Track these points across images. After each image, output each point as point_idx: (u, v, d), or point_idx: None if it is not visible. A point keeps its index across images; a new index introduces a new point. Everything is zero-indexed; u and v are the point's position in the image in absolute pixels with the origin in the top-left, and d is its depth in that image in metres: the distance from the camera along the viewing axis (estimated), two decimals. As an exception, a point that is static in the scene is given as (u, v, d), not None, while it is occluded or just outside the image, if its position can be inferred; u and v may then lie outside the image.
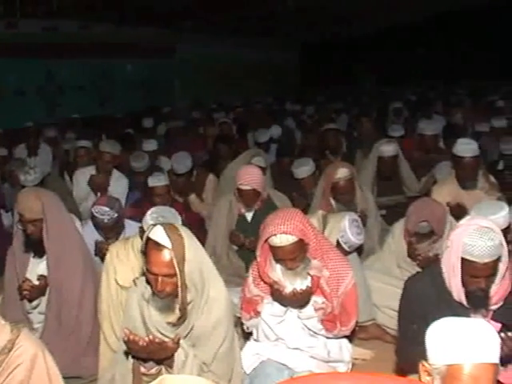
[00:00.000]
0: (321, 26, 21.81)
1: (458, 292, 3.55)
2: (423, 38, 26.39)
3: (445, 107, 14.95)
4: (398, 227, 5.01)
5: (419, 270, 4.65)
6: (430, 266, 4.02)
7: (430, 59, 27.30)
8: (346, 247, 4.82)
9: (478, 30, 25.29)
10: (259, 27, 19.62)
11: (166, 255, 3.41)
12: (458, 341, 2.34)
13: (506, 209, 4.53)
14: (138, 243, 4.39)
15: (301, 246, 3.92)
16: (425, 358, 2.45)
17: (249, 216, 6.08)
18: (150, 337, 3.43)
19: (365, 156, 7.76)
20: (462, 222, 3.55)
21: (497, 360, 2.38)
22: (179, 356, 3.56)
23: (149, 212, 4.54)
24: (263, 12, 17.53)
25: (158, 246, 3.41)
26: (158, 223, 3.61)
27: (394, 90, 21.66)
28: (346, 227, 4.86)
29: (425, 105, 15.20)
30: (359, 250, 5.24)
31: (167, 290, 3.48)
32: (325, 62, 26.74)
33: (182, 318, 3.61)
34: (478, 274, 3.43)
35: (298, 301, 4.03)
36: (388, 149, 7.06)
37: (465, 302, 3.57)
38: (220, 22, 17.97)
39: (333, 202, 6.01)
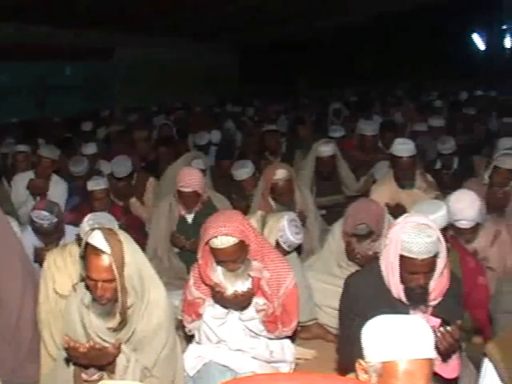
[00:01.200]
0: (261, 27, 21.83)
1: (397, 289, 3.59)
2: (362, 38, 26.61)
3: (384, 107, 15.14)
4: (338, 227, 5.03)
5: (360, 268, 4.70)
6: (370, 264, 4.05)
7: (369, 59, 27.57)
8: (285, 247, 4.84)
9: (416, 30, 25.64)
10: (199, 28, 19.53)
11: (105, 260, 3.39)
12: (392, 338, 2.37)
13: (445, 208, 4.59)
14: (76, 250, 4.35)
15: (241, 248, 3.93)
16: (363, 355, 2.48)
17: (189, 218, 6.07)
18: (91, 343, 3.40)
19: (304, 156, 7.81)
20: (400, 219, 3.60)
21: (431, 355, 2.41)
22: (121, 361, 3.53)
23: (85, 219, 4.49)
24: (203, 13, 17.46)
25: (97, 252, 3.39)
26: (96, 228, 3.58)
27: (333, 91, 21.82)
28: (284, 227, 4.88)
29: (364, 105, 15.35)
30: (299, 250, 5.26)
31: (107, 296, 3.46)
32: (265, 63, 26.75)
33: (123, 323, 3.59)
34: (416, 271, 3.47)
35: (240, 302, 4.04)
36: (326, 149, 7.12)
37: (404, 299, 3.61)
38: (159, 24, 17.86)
39: (272, 202, 6.03)
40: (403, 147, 6.28)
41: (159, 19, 17.03)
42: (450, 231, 4.96)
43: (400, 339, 2.37)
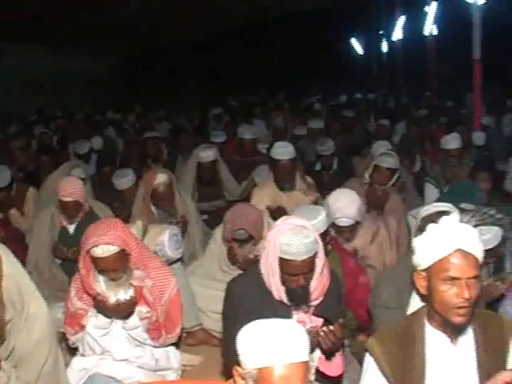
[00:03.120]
0: (143, 34, 21.70)
1: (278, 291, 3.62)
2: (244, 44, 26.84)
3: (265, 112, 15.29)
4: (219, 232, 5.04)
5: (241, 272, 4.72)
6: (251, 267, 4.08)
7: (251, 64, 27.82)
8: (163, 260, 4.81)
9: (297, 35, 26.06)
10: (80, 35, 19.24)
11: (-18, 274, 3.29)
12: (266, 344, 2.36)
13: (323, 213, 4.65)
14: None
15: (123, 256, 3.90)
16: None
17: (71, 228, 5.96)
18: (-33, 361, 3.29)
19: (186, 162, 7.79)
20: (278, 222, 3.64)
21: (306, 358, 2.41)
22: (1, 379, 3.43)
23: None
24: (85, 18, 17.21)
25: (-27, 265, 3.29)
26: (-29, 242, 3.47)
27: (215, 96, 21.91)
28: (165, 241, 4.87)
29: (246, 110, 15.48)
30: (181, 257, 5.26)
31: (-17, 311, 3.36)
32: (147, 69, 26.63)
33: (1, 339, 3.48)
34: (296, 272, 3.50)
35: (123, 311, 4.02)
36: (206, 154, 7.14)
37: (286, 300, 3.64)
38: (40, 31, 17.50)
39: (153, 208, 5.99)
40: (282, 150, 6.36)
41: (39, 25, 16.68)
42: (332, 233, 5.05)
43: (274, 344, 2.36)
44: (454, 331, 2.85)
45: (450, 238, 2.71)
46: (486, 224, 4.42)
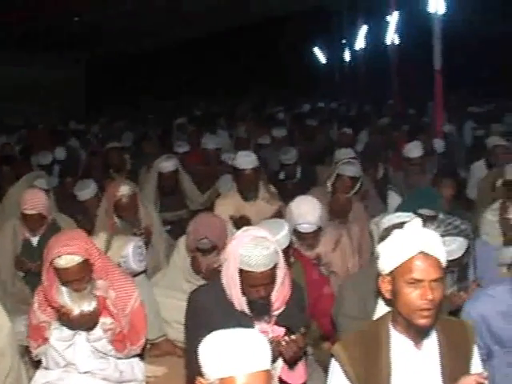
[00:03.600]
0: (106, 42, 21.60)
1: (239, 302, 3.63)
2: (208, 53, 26.84)
3: (229, 122, 15.31)
4: (182, 242, 5.02)
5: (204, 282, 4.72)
6: (213, 278, 4.09)
7: (214, 74, 27.82)
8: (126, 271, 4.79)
9: (260, 44, 26.15)
10: (41, 42, 19.09)
11: None
12: (227, 354, 2.36)
13: (286, 227, 4.67)
14: None
15: (86, 267, 3.88)
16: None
17: (34, 241, 5.92)
18: None
19: (148, 172, 7.78)
20: (237, 233, 3.65)
21: (268, 366, 2.42)
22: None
23: None
24: (45, 27, 17.09)
25: None
26: None
27: (179, 106, 21.88)
28: (129, 254, 4.84)
29: (210, 120, 15.48)
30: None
31: None
32: (110, 78, 26.50)
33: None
34: (256, 283, 3.51)
35: (86, 323, 3.99)
36: (167, 164, 7.13)
37: (247, 311, 3.65)
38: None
39: (117, 220, 5.96)
40: (245, 159, 6.38)
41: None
42: (295, 244, 5.08)
43: (235, 354, 2.36)
44: (418, 335, 2.88)
45: (413, 241, 2.75)
46: (450, 235, 4.49)
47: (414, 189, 6.95)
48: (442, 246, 2.82)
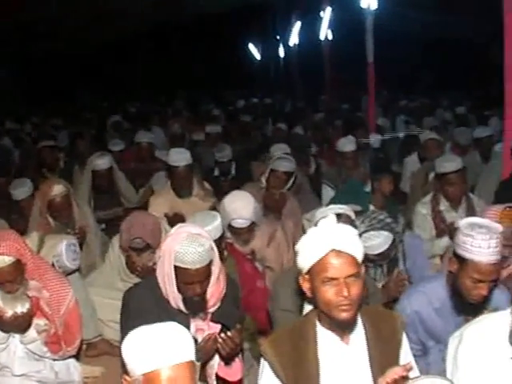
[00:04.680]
0: (39, 40, 21.25)
1: (175, 299, 3.62)
2: (142, 50, 26.68)
3: (163, 119, 15.24)
4: (117, 241, 4.99)
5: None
6: (148, 275, 4.07)
7: (149, 72, 27.67)
8: (60, 271, 4.73)
9: (195, 41, 26.08)
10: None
11: None
12: (147, 348, 2.36)
13: (219, 219, 4.68)
14: None
15: (18, 267, 3.83)
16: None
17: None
18: None
19: (83, 171, 7.70)
20: (172, 230, 3.64)
21: (191, 357, 2.42)
22: None
23: None
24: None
25: None
26: None
27: (114, 103, 21.69)
28: (62, 252, 4.78)
29: (144, 117, 15.39)
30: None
31: None
32: (44, 76, 26.08)
33: None
34: (191, 280, 3.51)
35: (20, 325, 3.94)
36: (101, 162, 7.06)
37: (183, 308, 3.65)
38: None
39: (51, 220, 5.88)
40: (179, 156, 6.36)
41: None
42: (227, 237, 5.09)
43: (156, 348, 2.36)
44: (343, 330, 2.91)
45: (325, 239, 2.76)
46: (375, 229, 4.55)
47: (344, 184, 7.05)
48: (357, 242, 2.83)
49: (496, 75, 7.06)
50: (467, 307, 3.71)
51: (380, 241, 4.54)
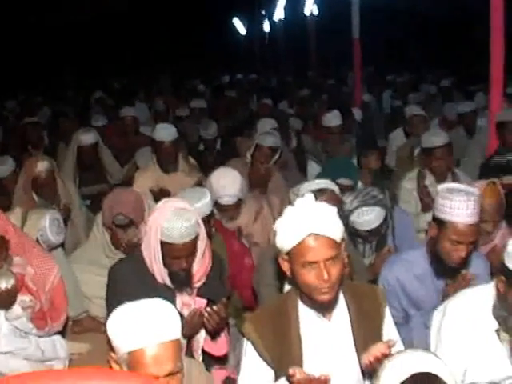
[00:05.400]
0: (18, 15, 21.05)
1: (161, 274, 3.62)
2: (127, 27, 26.51)
3: (148, 95, 15.18)
4: (101, 216, 4.97)
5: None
6: (134, 251, 4.06)
7: (134, 48, 27.51)
8: (44, 246, 4.70)
9: (178, 17, 25.93)
10: None
11: None
12: (133, 326, 2.36)
13: (208, 195, 4.66)
14: None
15: (2, 243, 3.79)
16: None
17: None
18: None
19: (66, 148, 7.65)
20: (158, 205, 3.63)
21: (177, 335, 2.42)
22: None
23: None
24: None
25: None
26: None
27: (98, 80, 21.55)
28: (46, 226, 4.73)
29: (128, 93, 15.32)
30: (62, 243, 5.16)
31: None
32: (23, 54, 25.88)
33: None
34: (178, 255, 3.52)
35: (4, 301, 3.90)
36: (86, 137, 7.04)
37: (169, 283, 3.66)
38: None
39: (35, 196, 5.85)
40: (164, 132, 6.34)
41: None
42: (216, 216, 5.08)
43: (141, 326, 2.35)
44: (325, 308, 2.91)
45: (303, 223, 2.73)
46: (367, 205, 4.55)
47: (331, 159, 7.03)
48: (336, 222, 2.80)
49: (482, 52, 7.07)
50: (447, 271, 3.74)
51: (373, 217, 4.54)
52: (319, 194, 4.19)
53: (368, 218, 4.52)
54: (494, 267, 3.94)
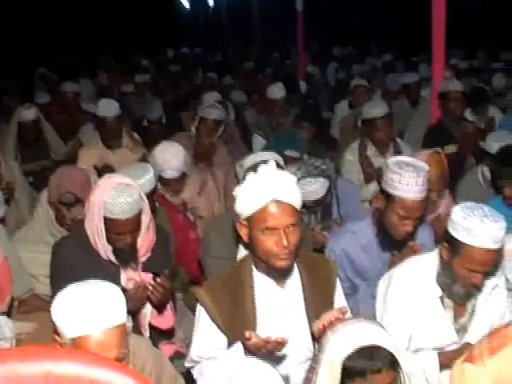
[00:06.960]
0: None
1: (105, 251, 3.61)
2: (68, 2, 26.06)
3: (91, 71, 14.98)
4: (45, 195, 4.91)
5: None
6: (77, 228, 4.02)
7: (76, 23, 27.08)
8: None
9: None
10: None
11: None
12: (76, 312, 2.34)
13: (151, 171, 4.62)
14: None
15: None
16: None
17: None
18: None
19: (7, 125, 7.52)
20: (101, 181, 3.60)
21: (122, 320, 2.41)
22: None
23: None
24: None
25: None
26: None
27: (40, 55, 21.17)
28: None
29: (72, 69, 15.07)
30: (3, 222, 5.09)
31: None
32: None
33: None
34: (122, 231, 3.51)
35: None
36: (27, 113, 6.94)
37: (114, 260, 3.64)
38: None
39: (-24, 176, 5.76)
40: (107, 107, 6.29)
41: None
42: (160, 190, 5.06)
43: (85, 312, 2.33)
44: (279, 275, 2.95)
45: (265, 189, 2.77)
46: (312, 176, 4.57)
47: (277, 131, 7.05)
48: (296, 190, 2.86)
49: (424, 22, 7.11)
50: (393, 243, 3.79)
51: (317, 187, 4.57)
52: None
53: (312, 188, 4.55)
54: (439, 235, 4.01)
